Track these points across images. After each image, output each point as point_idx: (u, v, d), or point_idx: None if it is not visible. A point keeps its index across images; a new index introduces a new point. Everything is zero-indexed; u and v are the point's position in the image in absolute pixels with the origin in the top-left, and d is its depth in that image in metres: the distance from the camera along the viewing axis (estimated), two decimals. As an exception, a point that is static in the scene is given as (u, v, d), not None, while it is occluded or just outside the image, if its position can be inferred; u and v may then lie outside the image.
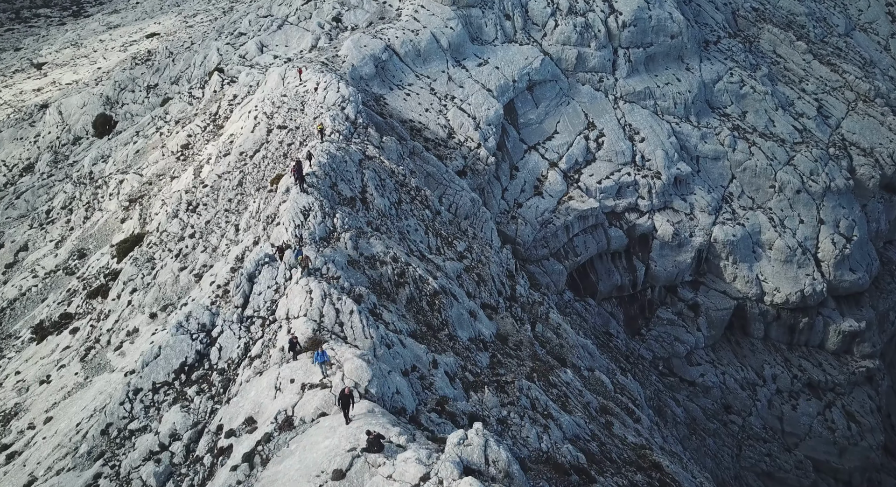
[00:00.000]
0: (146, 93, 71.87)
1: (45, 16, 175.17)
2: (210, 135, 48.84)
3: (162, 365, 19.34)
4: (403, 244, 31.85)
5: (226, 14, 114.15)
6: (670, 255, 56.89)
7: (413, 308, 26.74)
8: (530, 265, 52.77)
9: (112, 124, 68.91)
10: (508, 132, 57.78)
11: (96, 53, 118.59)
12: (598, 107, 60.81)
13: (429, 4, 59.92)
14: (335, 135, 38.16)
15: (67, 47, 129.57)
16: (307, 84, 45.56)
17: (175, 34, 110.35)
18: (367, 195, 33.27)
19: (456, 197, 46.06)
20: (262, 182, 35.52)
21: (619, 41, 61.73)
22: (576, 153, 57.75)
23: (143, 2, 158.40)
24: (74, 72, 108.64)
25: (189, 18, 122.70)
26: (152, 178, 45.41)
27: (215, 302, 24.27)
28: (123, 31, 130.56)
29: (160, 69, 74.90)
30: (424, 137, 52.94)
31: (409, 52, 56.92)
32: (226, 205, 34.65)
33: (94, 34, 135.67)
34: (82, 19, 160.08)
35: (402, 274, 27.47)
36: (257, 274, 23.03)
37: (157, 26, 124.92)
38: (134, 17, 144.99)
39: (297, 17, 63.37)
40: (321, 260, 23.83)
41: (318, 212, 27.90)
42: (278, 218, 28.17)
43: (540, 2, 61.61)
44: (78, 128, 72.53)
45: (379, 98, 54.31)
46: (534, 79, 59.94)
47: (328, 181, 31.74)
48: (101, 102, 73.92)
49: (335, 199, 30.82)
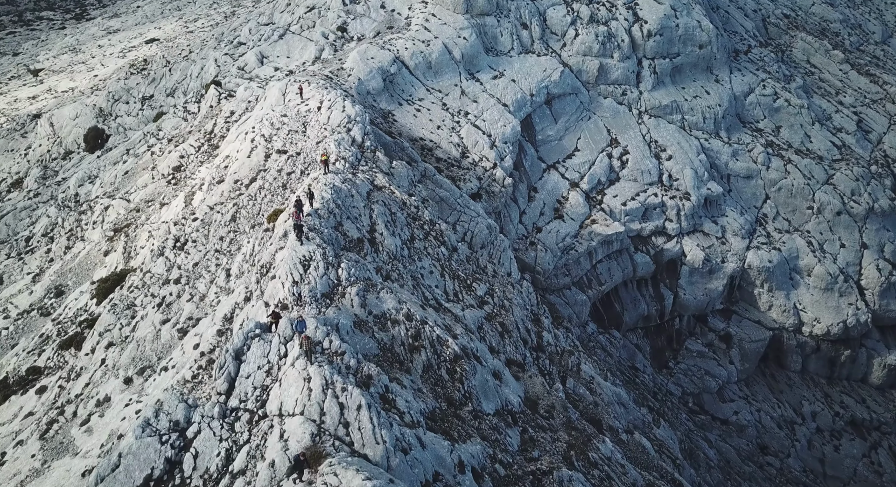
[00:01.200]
0: (141, 105, 68.17)
1: (47, 19, 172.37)
2: (204, 155, 44.99)
3: (122, 481, 15.42)
4: (417, 292, 27.88)
5: (227, 19, 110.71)
6: (700, 282, 52.74)
7: (431, 378, 22.74)
8: (551, 295, 48.72)
9: (104, 138, 65.22)
10: (526, 150, 53.75)
11: (94, 59, 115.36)
12: (621, 122, 56.73)
13: (440, 13, 55.97)
14: (340, 162, 34.22)
15: (65, 53, 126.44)
16: (309, 102, 41.65)
17: (175, 40, 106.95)
18: (376, 234, 29.30)
19: (471, 224, 42.03)
20: (257, 217, 31.60)
21: (643, 51, 57.64)
22: (598, 172, 53.68)
23: (144, 5, 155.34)
24: (71, 79, 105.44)
25: (190, 23, 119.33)
26: (140, 205, 41.57)
27: (196, 377, 20.33)
28: (123, 37, 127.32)
29: (156, 79, 71.22)
30: (436, 157, 49.00)
31: (419, 65, 53.00)
32: (217, 244, 30.73)
33: (93, 39, 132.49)
34: (83, 23, 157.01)
35: (418, 335, 23.48)
36: (245, 350, 19.07)
37: (158, 31, 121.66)
38: (134, 21, 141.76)
39: (299, 26, 59.54)
40: (323, 331, 19.84)
41: (321, 262, 23.95)
42: (274, 269, 24.22)
43: (559, 10, 57.58)
44: (69, 142, 68.87)
45: (387, 114, 50.41)
46: (553, 92, 55.93)
47: (332, 220, 27.80)
48: (94, 114, 70.27)
49: (340, 243, 26.88)
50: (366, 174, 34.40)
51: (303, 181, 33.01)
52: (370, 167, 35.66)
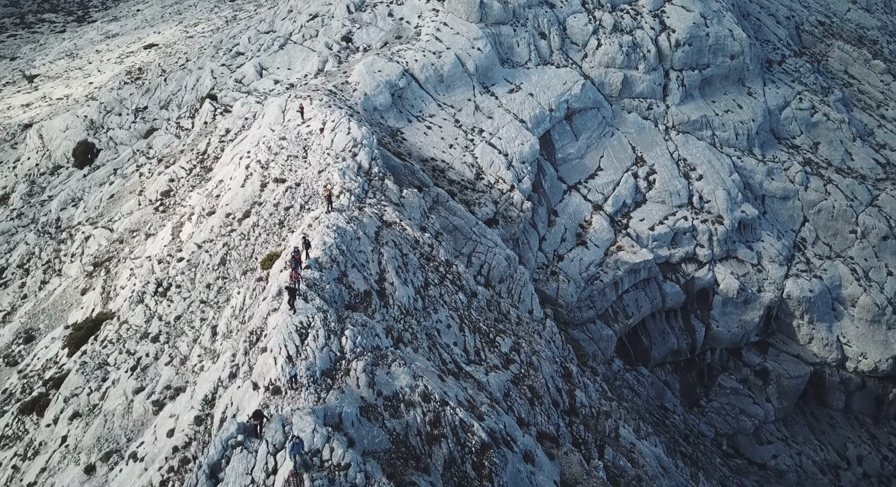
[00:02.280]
0: (133, 118, 64.42)
1: (49, 21, 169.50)
2: (196, 179, 41.13)
3: None
4: (434, 355, 23.88)
5: (228, 24, 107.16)
6: (734, 313, 48.57)
7: (454, 476, 18.71)
8: (574, 329, 44.67)
9: (94, 153, 61.50)
10: (545, 169, 49.72)
11: (91, 65, 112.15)
12: (647, 138, 52.64)
13: (452, 22, 52.01)
14: (345, 195, 30.26)
15: (62, 58, 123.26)
16: (311, 123, 37.74)
17: (173, 46, 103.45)
18: (385, 284, 25.32)
19: (488, 256, 38.06)
20: (250, 261, 27.66)
21: (671, 62, 53.54)
22: (623, 194, 49.58)
23: (145, 9, 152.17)
24: (67, 85, 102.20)
25: (190, 28, 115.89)
26: (124, 235, 37.71)
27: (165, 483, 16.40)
28: (121, 41, 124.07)
29: (151, 89, 67.50)
30: (449, 179, 45.03)
31: (430, 78, 49.03)
32: (203, 293, 26.80)
33: (91, 44, 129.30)
34: (83, 27, 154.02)
35: (437, 421, 19.47)
36: (224, 464, 15.09)
37: (157, 36, 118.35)
38: (133, 25, 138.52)
39: (301, 35, 55.66)
40: (322, 435, 15.85)
41: (320, 330, 19.99)
42: (266, 337, 20.29)
43: (580, 18, 53.53)
44: (58, 156, 65.20)
45: (395, 133, 46.48)
46: (573, 106, 51.89)
47: (336, 270, 23.84)
48: (85, 127, 66.55)
49: (344, 299, 22.92)
50: (374, 208, 30.44)
51: (302, 218, 29.09)
52: (378, 199, 31.68)
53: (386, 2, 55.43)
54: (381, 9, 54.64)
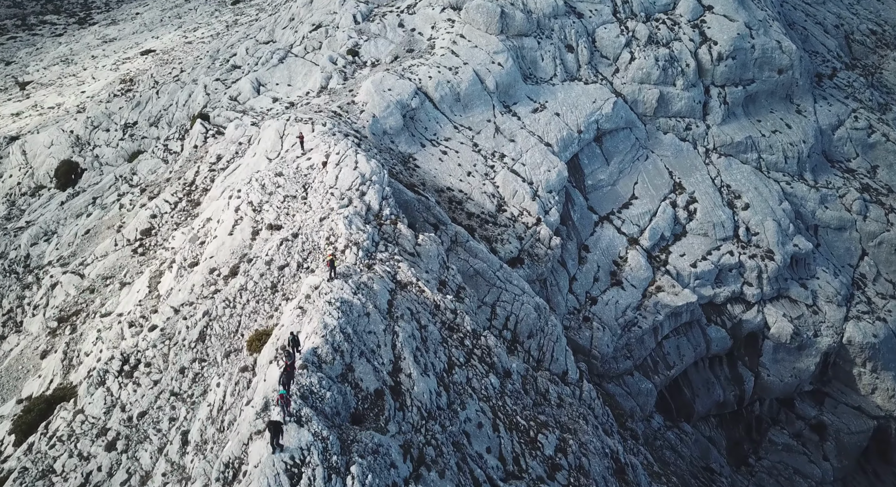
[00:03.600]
0: (122, 133, 59.58)
1: (50, 23, 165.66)
2: (181, 215, 36.14)
3: None
4: (464, 475, 18.75)
5: (228, 29, 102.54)
6: (787, 360, 43.28)
7: None
8: (609, 383, 39.48)
9: (78, 173, 56.71)
10: (574, 199, 44.53)
11: (86, 72, 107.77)
12: (685, 162, 47.38)
13: (470, 33, 46.84)
14: (351, 250, 25.18)
15: (57, 64, 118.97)
16: (312, 156, 32.67)
17: (171, 52, 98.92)
18: (401, 376, 20.21)
19: (514, 306, 32.96)
20: (234, 339, 22.61)
21: (712, 78, 48.25)
22: (661, 225, 44.33)
23: (144, 12, 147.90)
24: (59, 94, 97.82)
25: (189, 33, 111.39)
26: (96, 282, 32.75)
27: None
28: (118, 46, 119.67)
29: (141, 103, 62.65)
30: (467, 212, 39.93)
31: (445, 97, 43.93)
32: (176, 380, 21.77)
33: (87, 49, 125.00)
34: (80, 31, 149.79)
35: None
36: None
37: (155, 41, 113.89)
38: (132, 29, 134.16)
39: (303, 47, 50.61)
40: None
41: (318, 469, 14.97)
42: (247, 478, 15.17)
43: (611, 29, 48.29)
44: (41, 175, 60.46)
45: (407, 159, 41.42)
46: (604, 127, 46.70)
47: (339, 364, 18.76)
48: (70, 143, 61.80)
49: (349, 407, 17.85)
50: (385, 264, 25.35)
51: (299, 280, 24.03)
52: (391, 253, 26.56)
53: (396, 11, 50.37)
54: (390, 19, 49.55)
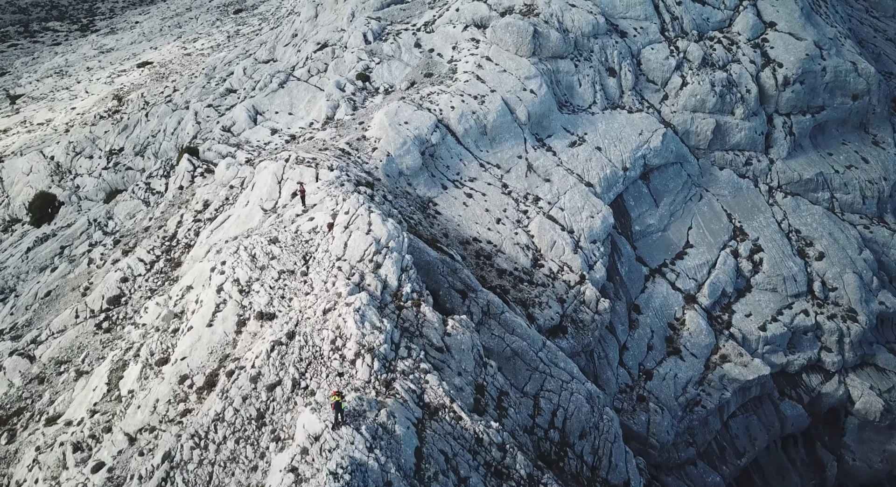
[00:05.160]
0: (105, 161, 53.83)
1: (53, 30, 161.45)
2: (157, 279, 30.09)
3: None
4: None
5: (229, 39, 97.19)
6: (876, 441, 36.82)
7: None
8: (668, 475, 33.15)
9: (55, 207, 50.88)
10: (620, 248, 38.26)
11: (79, 85, 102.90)
12: (745, 202, 41.07)
13: (497, 56, 40.70)
14: (364, 362, 19.06)
15: (50, 75, 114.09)
16: (315, 215, 26.56)
17: (167, 65, 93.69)
18: None
19: (562, 396, 26.95)
20: (204, 504, 16.41)
21: (776, 105, 41.95)
22: (722, 279, 38.00)
23: (144, 21, 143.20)
24: (50, 108, 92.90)
25: (188, 44, 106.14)
26: (47, 369, 26.76)
27: None
28: (115, 57, 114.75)
29: (129, 126, 56.91)
30: (498, 268, 33.77)
31: (470, 130, 37.83)
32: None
33: (83, 60, 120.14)
34: (77, 40, 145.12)
35: None
36: None
37: (153, 53, 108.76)
38: (130, 39, 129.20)
39: (307, 69, 44.58)
40: None
41: None
42: None
43: (659, 50, 42.06)
44: (17, 206, 54.77)
45: (427, 204, 35.34)
46: (651, 162, 40.48)
47: None
48: (49, 171, 56.10)
49: None
50: (409, 378, 19.28)
51: (295, 410, 17.88)
52: (415, 358, 20.41)
53: (412, 29, 44.31)
54: (405, 38, 43.47)
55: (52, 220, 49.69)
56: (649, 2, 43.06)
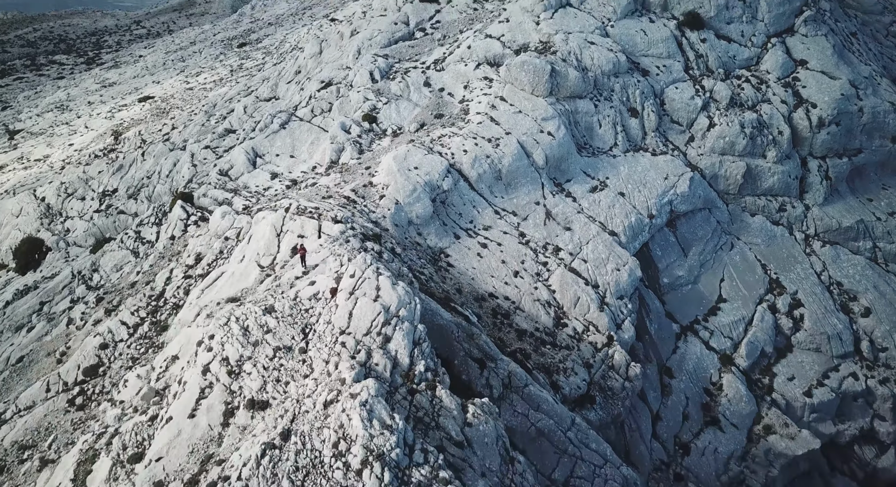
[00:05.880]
0: (98, 203, 51.24)
1: (59, 63, 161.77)
2: (140, 346, 27.00)
3: None
4: None
5: (232, 74, 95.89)
6: (936, 521, 33.08)
7: None
8: (710, 566, 29.44)
9: (42, 253, 47.99)
10: (648, 303, 35.15)
11: (79, 120, 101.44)
12: (781, 252, 38.08)
13: (512, 95, 38.27)
14: (373, 472, 15.80)
15: (51, 110, 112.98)
16: (317, 279, 23.60)
17: (169, 100, 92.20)
18: None
19: (595, 484, 23.50)
20: None
21: (810, 147, 39.32)
22: (760, 338, 34.76)
23: (148, 55, 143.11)
24: (48, 144, 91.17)
25: (191, 78, 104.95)
26: (9, 456, 23.51)
27: None
28: (117, 91, 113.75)
29: (124, 166, 54.55)
30: (517, 328, 30.65)
31: (484, 175, 35.15)
32: None
33: (84, 94, 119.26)
34: (80, 74, 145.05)
35: None
36: None
37: (155, 87, 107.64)
38: (133, 73, 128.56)
39: (310, 108, 42.22)
40: None
41: None
42: None
43: (684, 89, 39.64)
44: (3, 250, 51.95)
45: (438, 256, 32.41)
46: (678, 209, 37.66)
47: None
48: (39, 213, 53.47)
49: None
50: (426, 491, 15.92)
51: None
52: (433, 464, 17.15)
53: (421, 67, 42.04)
54: (414, 76, 41.16)
55: (38, 267, 46.79)
56: (672, 39, 40.82)
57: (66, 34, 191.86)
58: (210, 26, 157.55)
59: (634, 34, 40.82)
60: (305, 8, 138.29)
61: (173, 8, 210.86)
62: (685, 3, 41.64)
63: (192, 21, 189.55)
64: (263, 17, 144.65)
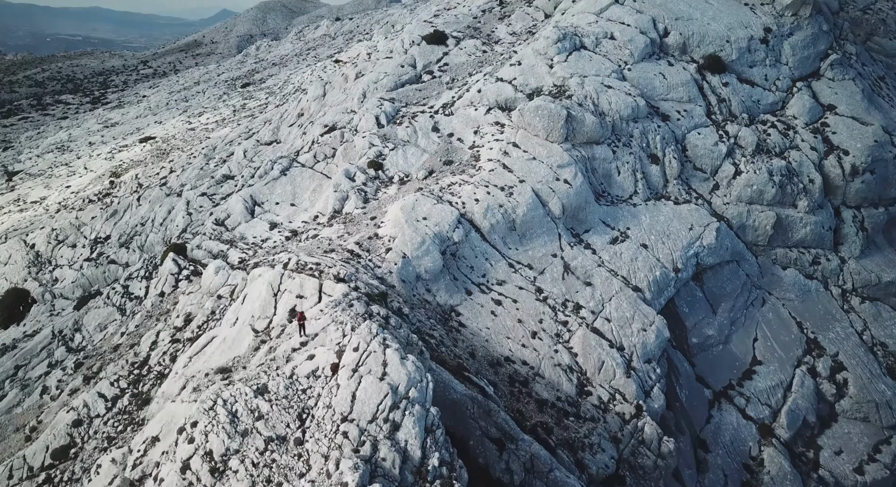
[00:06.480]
0: (89, 251, 48.87)
1: (65, 103, 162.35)
2: (117, 424, 24.13)
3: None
4: None
5: (235, 113, 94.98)
6: None
7: None
8: None
9: (27, 304, 45.39)
10: (677, 365, 32.25)
11: (79, 161, 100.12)
12: (817, 308, 35.35)
13: (526, 141, 36.22)
14: None
15: (51, 151, 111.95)
16: (316, 352, 20.89)
17: (170, 140, 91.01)
18: None
19: None
20: None
21: (843, 197, 37.04)
22: (801, 406, 31.72)
23: (152, 95, 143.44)
24: (46, 186, 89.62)
25: (193, 118, 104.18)
26: (-37, 560, 20.28)
27: None
28: (119, 132, 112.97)
29: (118, 212, 52.40)
30: (537, 398, 27.78)
31: (497, 225, 32.75)
32: None
33: (86, 135, 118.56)
34: (84, 114, 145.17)
35: None
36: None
37: (157, 127, 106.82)
38: (136, 113, 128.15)
39: (312, 154, 40.21)
40: None
41: None
42: None
43: (707, 135, 37.60)
44: (-10, 301, 49.14)
45: (449, 315, 29.76)
46: (705, 262, 35.11)
47: None
48: (28, 261, 51.06)
49: None
50: None
51: None
52: None
53: (429, 112, 40.19)
54: (421, 121, 39.27)
55: (22, 320, 44.10)
56: (692, 82, 39.03)
57: (74, 74, 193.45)
58: (215, 66, 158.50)
59: (653, 78, 39.07)
60: (310, 49, 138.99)
61: (180, 48, 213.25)
62: (705, 46, 40.03)
63: (198, 61, 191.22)
64: (268, 58, 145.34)
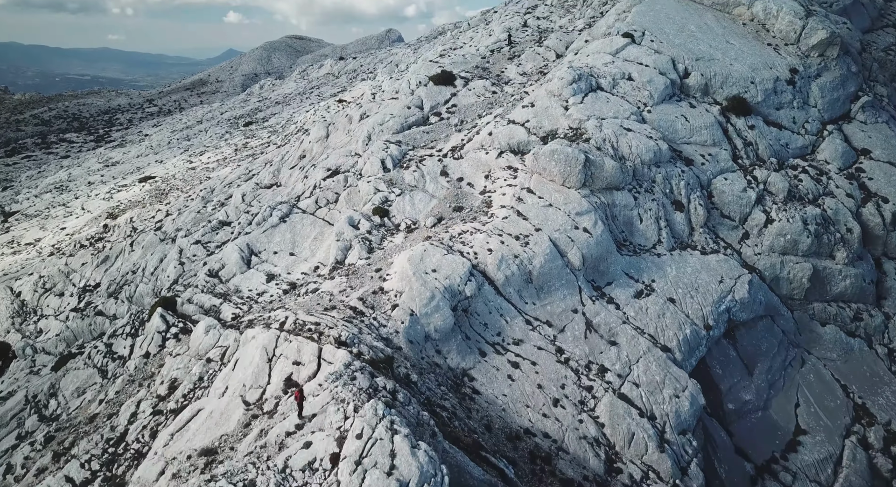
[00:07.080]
0: (77, 300, 46.20)
1: (69, 141, 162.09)
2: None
3: None
4: None
5: (237, 152, 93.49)
6: None
7: None
8: None
9: (7, 360, 42.41)
10: (713, 435, 29.09)
11: (77, 201, 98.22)
12: (862, 369, 32.35)
13: (541, 187, 33.90)
14: None
15: (50, 191, 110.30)
16: (314, 439, 18.05)
17: (170, 180, 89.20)
18: None
19: None
20: None
21: (884, 247, 34.47)
22: (854, 483, 28.42)
23: (154, 134, 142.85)
24: (42, 227, 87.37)
25: (194, 157, 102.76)
26: None
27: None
28: (118, 171, 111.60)
29: (110, 257, 49.93)
30: (561, 478, 24.62)
31: (512, 278, 30.10)
32: None
33: (86, 174, 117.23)
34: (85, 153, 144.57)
35: None
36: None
37: (157, 167, 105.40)
38: (137, 152, 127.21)
39: (314, 199, 37.92)
40: None
41: None
42: None
43: (734, 180, 35.28)
44: (-31, 354, 46.18)
45: (461, 380, 26.87)
46: (737, 317, 32.30)
47: None
48: (12, 311, 48.38)
49: None
50: None
51: None
52: None
53: (437, 155, 38.09)
54: (429, 165, 37.11)
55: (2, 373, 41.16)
56: (716, 125, 36.96)
57: (80, 113, 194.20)
58: (219, 104, 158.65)
59: (674, 120, 37.05)
60: (313, 87, 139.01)
61: (186, 87, 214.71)
62: (728, 87, 38.15)
63: (203, 99, 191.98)
64: (271, 96, 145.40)
